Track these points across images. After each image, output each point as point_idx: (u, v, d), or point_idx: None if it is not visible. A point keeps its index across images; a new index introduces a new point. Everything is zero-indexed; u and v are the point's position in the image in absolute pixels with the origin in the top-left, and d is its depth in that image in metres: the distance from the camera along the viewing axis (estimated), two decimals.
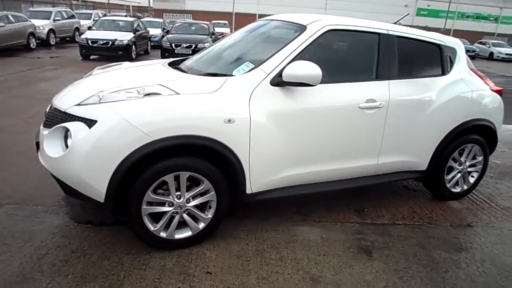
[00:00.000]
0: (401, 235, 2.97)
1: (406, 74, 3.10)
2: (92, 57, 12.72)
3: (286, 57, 2.63)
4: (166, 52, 12.66)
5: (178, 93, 2.38)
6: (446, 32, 25.20)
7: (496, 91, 3.50)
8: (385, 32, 3.02)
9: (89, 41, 12.24)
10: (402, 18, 3.82)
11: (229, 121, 2.42)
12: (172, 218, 2.50)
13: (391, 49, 3.02)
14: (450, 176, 3.49)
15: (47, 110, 2.79)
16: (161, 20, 20.34)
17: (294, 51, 2.66)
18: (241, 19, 32.06)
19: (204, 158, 2.45)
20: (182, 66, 3.12)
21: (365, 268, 2.53)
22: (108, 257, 2.45)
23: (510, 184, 4.12)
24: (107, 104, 2.30)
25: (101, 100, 2.35)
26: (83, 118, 2.30)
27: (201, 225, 2.59)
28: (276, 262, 2.52)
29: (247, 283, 2.30)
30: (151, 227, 2.46)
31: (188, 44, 12.54)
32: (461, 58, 3.39)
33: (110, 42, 12.31)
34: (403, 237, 2.93)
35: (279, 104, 2.59)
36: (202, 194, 2.53)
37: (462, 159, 3.48)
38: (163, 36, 18.04)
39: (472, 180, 3.63)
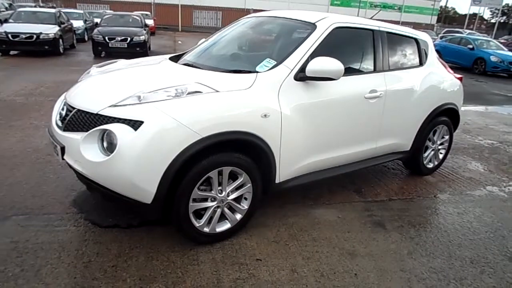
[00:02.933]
0: (401, 208, 3.37)
1: (395, 66, 3.49)
2: (12, 52, 11.52)
3: (305, 53, 2.82)
4: (98, 46, 12.00)
5: (217, 91, 2.44)
6: None
7: (458, 78, 4.08)
8: (377, 28, 3.37)
9: (9, 35, 11.03)
10: (376, 14, 4.21)
11: (265, 115, 2.56)
12: (214, 212, 2.58)
13: (383, 44, 3.37)
14: (426, 154, 4.00)
15: (62, 112, 2.65)
16: (81, 11, 18.96)
17: (311, 47, 2.86)
18: (163, 10, 31.12)
19: (242, 152, 2.55)
20: (192, 63, 3.13)
21: (386, 239, 2.87)
22: (155, 257, 2.46)
23: (464, 158, 4.82)
24: (151, 104, 2.29)
25: (142, 100, 2.33)
26: (126, 120, 2.26)
27: (238, 217, 2.70)
28: (312, 242, 2.74)
29: (297, 264, 2.49)
30: (196, 224, 2.51)
31: (123, 37, 11.98)
32: (432, 50, 3.89)
33: (35, 36, 11.21)
34: (403, 210, 3.34)
35: (301, 97, 2.78)
36: (240, 187, 2.64)
37: (435, 138, 4.02)
38: (86, 29, 17.05)
39: (441, 156, 4.21)
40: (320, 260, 2.55)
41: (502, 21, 41.46)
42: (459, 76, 4.12)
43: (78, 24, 16.20)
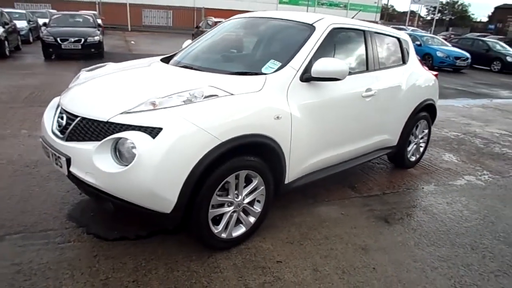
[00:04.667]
0: (396, 201, 3.52)
1: (383, 65, 3.63)
2: None
3: (308, 55, 2.85)
4: (49, 48, 11.24)
5: (232, 94, 2.40)
6: None
7: (434, 75, 4.32)
8: (367, 29, 3.48)
9: None
10: (356, 14, 4.34)
11: (277, 117, 2.56)
12: (230, 217, 2.53)
13: (373, 44, 3.49)
14: (409, 148, 4.20)
15: (61, 121, 2.47)
16: (23, 11, 17.69)
17: (312, 48, 2.89)
18: (110, 9, 29.86)
19: (255, 155, 2.53)
20: (190, 65, 3.04)
21: (392, 232, 2.98)
22: (174, 268, 2.37)
23: (437, 150, 5.11)
24: (168, 110, 2.20)
25: (157, 106, 2.23)
26: (142, 127, 2.15)
27: (252, 220, 2.68)
28: (324, 240, 2.79)
29: (317, 263, 2.52)
30: (214, 230, 2.45)
31: (76, 38, 11.30)
32: (412, 49, 4.08)
33: None
34: (398, 203, 3.49)
35: (306, 98, 2.81)
36: (253, 190, 2.61)
37: (417, 133, 4.23)
38: (31, 30, 15.95)
39: (421, 150, 4.44)
40: (338, 257, 2.60)
41: (437, 18, 44.28)
42: (435, 73, 4.37)
43: (21, 24, 15.10)
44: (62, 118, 2.50)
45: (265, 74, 2.70)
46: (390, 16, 74.23)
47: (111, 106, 2.31)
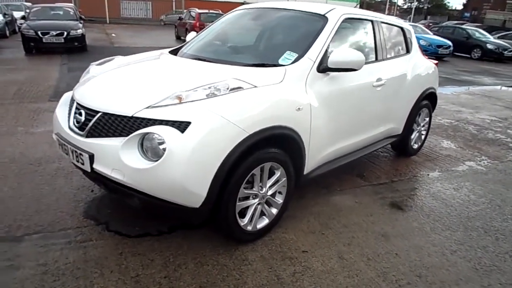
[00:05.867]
0: (405, 188, 3.60)
1: (390, 54, 3.67)
2: None
3: (323, 45, 2.86)
4: (30, 42, 10.88)
5: (256, 86, 2.39)
6: None
7: (435, 64, 4.40)
8: (375, 19, 3.50)
9: None
10: (356, 6, 4.36)
11: (299, 109, 2.56)
12: (255, 210, 2.54)
13: (380, 34, 3.52)
14: (412, 136, 4.29)
15: (80, 117, 2.40)
16: None
17: (327, 39, 2.90)
18: (87, 1, 28.97)
19: (277, 147, 2.53)
20: (203, 57, 3.00)
21: (407, 218, 3.05)
22: (204, 262, 2.36)
23: (435, 138, 5.23)
24: (196, 103, 2.17)
25: (183, 100, 2.20)
26: (169, 121, 2.12)
27: (275, 211, 2.69)
28: (344, 229, 2.83)
29: (342, 251, 2.56)
30: (241, 223, 2.46)
31: (58, 32, 10.96)
32: (414, 38, 4.14)
33: None
34: (407, 190, 3.57)
35: (323, 88, 2.82)
36: (276, 181, 2.62)
37: (419, 121, 4.31)
38: (7, 23, 15.36)
39: (422, 137, 4.53)
40: (361, 245, 2.65)
41: (415, 6, 44.95)
42: (435, 61, 4.45)
43: None
44: (80, 114, 2.42)
45: (283, 65, 2.69)
46: (367, 5, 74.94)
47: (134, 101, 2.26)
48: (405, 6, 65.75)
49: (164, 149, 2.04)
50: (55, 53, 10.93)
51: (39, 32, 10.76)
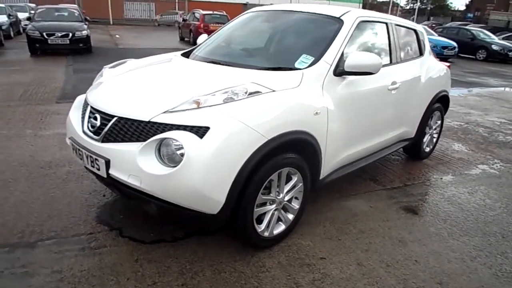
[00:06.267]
0: (419, 192, 3.55)
1: (405, 57, 3.63)
2: None
3: (339, 48, 2.82)
4: (35, 43, 10.90)
5: (274, 90, 2.35)
6: None
7: (447, 66, 4.36)
8: (389, 21, 3.46)
9: None
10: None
11: (317, 113, 2.53)
12: (272, 215, 2.50)
13: (395, 36, 3.48)
14: (424, 139, 4.24)
15: (95, 122, 2.36)
16: (2, 5, 17.01)
17: (343, 42, 2.86)
18: (91, 2, 29.01)
19: (294, 152, 2.50)
20: (218, 60, 2.96)
21: (424, 224, 3.00)
22: (221, 269, 2.32)
23: (446, 140, 5.18)
24: (214, 108, 2.13)
25: (202, 104, 2.16)
26: (187, 126, 2.08)
27: (291, 217, 2.65)
28: (361, 235, 2.79)
29: (360, 258, 2.51)
30: (258, 229, 2.42)
31: (64, 33, 10.98)
32: (427, 41, 4.10)
33: None
34: (422, 194, 3.52)
35: (340, 92, 2.78)
36: (293, 187, 2.58)
37: (431, 124, 4.26)
38: (11, 24, 15.38)
39: (434, 140, 4.48)
40: (378, 251, 2.60)
41: (417, 7, 44.84)
42: (447, 64, 4.40)
43: (1, 19, 14.55)
44: (95, 118, 2.39)
45: (299, 69, 2.65)
46: (370, 6, 74.88)
47: (151, 105, 2.22)
48: (408, 7, 65.69)
49: (182, 155, 2.01)
50: (60, 55, 10.94)
51: (44, 34, 10.77)
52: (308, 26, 3.17)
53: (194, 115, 2.12)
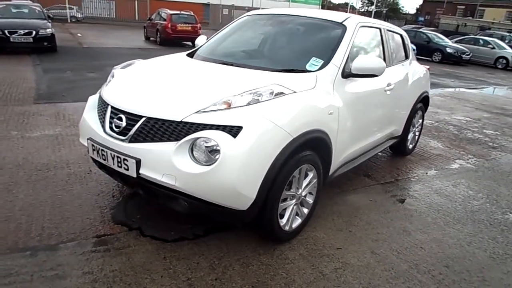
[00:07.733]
0: (411, 186, 3.83)
1: (395, 60, 3.89)
2: None
3: (345, 52, 3.00)
4: None
5: (295, 91, 2.49)
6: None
7: (427, 69, 4.70)
8: (382, 26, 3.71)
9: None
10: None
11: (330, 113, 2.69)
12: (291, 210, 2.63)
13: (387, 40, 3.73)
14: (409, 137, 4.55)
15: (120, 122, 2.37)
16: None
17: (348, 46, 3.05)
18: None
19: (311, 150, 2.64)
20: (230, 62, 3.04)
21: (420, 214, 3.26)
22: (248, 263, 2.43)
23: (423, 138, 5.54)
24: (245, 108, 2.23)
25: (232, 105, 2.25)
26: (220, 126, 2.17)
27: (306, 211, 2.80)
28: (368, 226, 2.99)
29: (372, 246, 2.71)
30: (280, 223, 2.54)
31: (27, 31, 10.45)
32: (410, 44, 4.40)
33: None
34: (413, 187, 3.80)
35: (347, 93, 2.96)
36: (309, 183, 2.73)
37: (414, 122, 4.58)
38: None
39: (416, 138, 4.81)
40: (387, 240, 2.81)
41: (373, 10, 46.85)
42: (427, 66, 4.74)
43: None
44: (120, 119, 2.40)
45: (311, 71, 2.80)
46: (327, 8, 76.99)
47: (182, 105, 2.28)
48: (363, 10, 68.13)
49: (215, 154, 2.10)
50: (23, 53, 10.43)
51: (5, 31, 10.20)
52: (313, 30, 3.33)
53: (226, 115, 2.20)
